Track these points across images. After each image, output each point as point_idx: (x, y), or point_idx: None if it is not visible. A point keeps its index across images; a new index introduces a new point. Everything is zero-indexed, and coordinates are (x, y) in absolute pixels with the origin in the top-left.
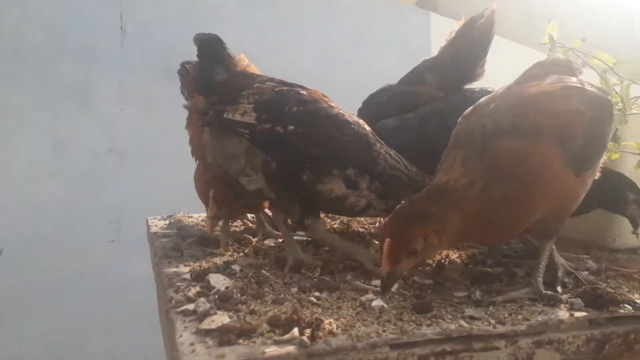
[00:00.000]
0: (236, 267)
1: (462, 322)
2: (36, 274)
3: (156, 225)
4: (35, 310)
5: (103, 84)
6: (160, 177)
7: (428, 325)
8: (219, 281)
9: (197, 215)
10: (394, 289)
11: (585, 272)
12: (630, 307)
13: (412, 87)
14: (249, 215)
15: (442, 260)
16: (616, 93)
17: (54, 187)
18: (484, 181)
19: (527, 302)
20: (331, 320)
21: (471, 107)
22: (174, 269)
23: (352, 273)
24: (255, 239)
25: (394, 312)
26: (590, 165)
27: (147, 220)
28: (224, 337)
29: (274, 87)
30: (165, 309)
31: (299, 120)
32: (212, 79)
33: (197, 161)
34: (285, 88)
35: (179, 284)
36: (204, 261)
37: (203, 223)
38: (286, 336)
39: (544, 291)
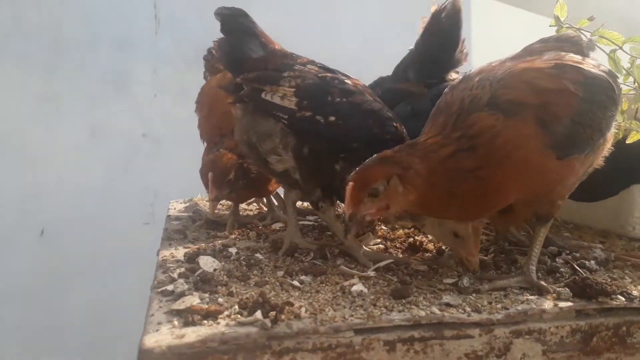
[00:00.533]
0: (233, 250)
1: (434, 309)
2: (75, 252)
3: (174, 208)
4: (75, 285)
5: (138, 71)
6: (192, 162)
7: (399, 311)
8: (207, 263)
9: None
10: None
11: (592, 261)
12: (623, 299)
13: (397, 85)
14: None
15: (443, 247)
16: (629, 73)
17: (92, 171)
18: (456, 148)
19: (516, 291)
20: (302, 303)
21: (459, 78)
22: (172, 251)
23: (345, 258)
24: (263, 222)
25: (372, 297)
26: (577, 149)
27: (169, 203)
28: (190, 317)
29: (317, 72)
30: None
31: (341, 111)
32: (247, 54)
33: (205, 144)
34: (329, 75)
35: (170, 265)
36: (204, 244)
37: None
38: (249, 318)
39: (536, 280)
